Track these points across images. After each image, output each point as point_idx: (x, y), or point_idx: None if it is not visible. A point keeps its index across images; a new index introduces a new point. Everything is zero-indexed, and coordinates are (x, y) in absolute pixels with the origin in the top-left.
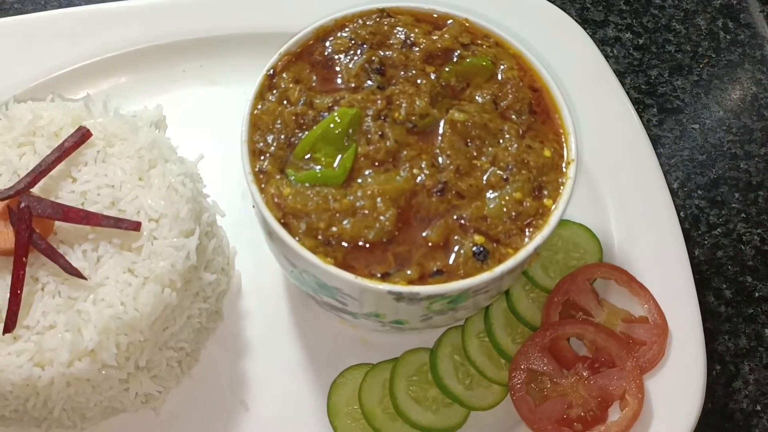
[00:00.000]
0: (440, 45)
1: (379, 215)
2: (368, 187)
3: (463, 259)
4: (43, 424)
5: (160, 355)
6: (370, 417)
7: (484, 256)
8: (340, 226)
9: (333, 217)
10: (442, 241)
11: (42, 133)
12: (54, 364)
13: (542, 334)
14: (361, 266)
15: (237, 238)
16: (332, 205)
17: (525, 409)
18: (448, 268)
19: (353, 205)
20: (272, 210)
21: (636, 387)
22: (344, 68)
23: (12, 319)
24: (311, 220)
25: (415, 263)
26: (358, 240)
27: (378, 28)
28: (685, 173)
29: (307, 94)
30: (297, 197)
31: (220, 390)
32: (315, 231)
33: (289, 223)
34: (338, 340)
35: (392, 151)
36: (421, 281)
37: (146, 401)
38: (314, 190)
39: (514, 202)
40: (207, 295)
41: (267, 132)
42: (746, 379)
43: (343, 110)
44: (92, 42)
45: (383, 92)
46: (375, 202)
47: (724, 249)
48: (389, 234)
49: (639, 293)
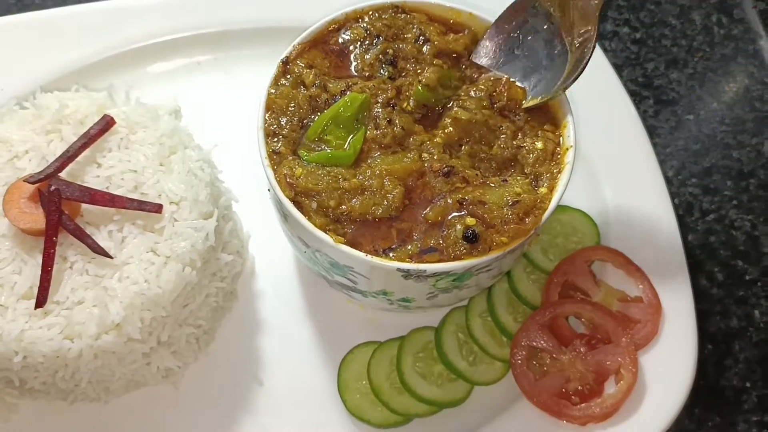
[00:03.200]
0: (451, 47)
1: (386, 193)
2: (376, 167)
3: (453, 240)
4: (69, 396)
5: (180, 332)
6: (379, 391)
7: (474, 239)
8: (349, 204)
9: (343, 195)
10: (437, 220)
11: (68, 121)
12: (83, 337)
13: (542, 313)
14: (368, 242)
15: (251, 223)
16: (342, 184)
17: (526, 383)
18: (440, 246)
19: (362, 184)
20: (285, 190)
21: (630, 362)
22: (360, 57)
23: (43, 294)
24: (322, 198)
25: (416, 240)
26: (366, 217)
27: (393, 21)
28: (679, 162)
29: (321, 78)
30: (309, 177)
31: (236, 366)
32: (326, 209)
33: (301, 202)
34: (347, 320)
35: (399, 137)
36: (417, 257)
37: (166, 375)
38: (325, 170)
39: (513, 194)
40: (224, 275)
41: (281, 114)
42: (737, 357)
43: (353, 95)
44: (113, 36)
45: (393, 82)
46: (383, 181)
47: (717, 234)
48: (396, 210)
49: (634, 275)
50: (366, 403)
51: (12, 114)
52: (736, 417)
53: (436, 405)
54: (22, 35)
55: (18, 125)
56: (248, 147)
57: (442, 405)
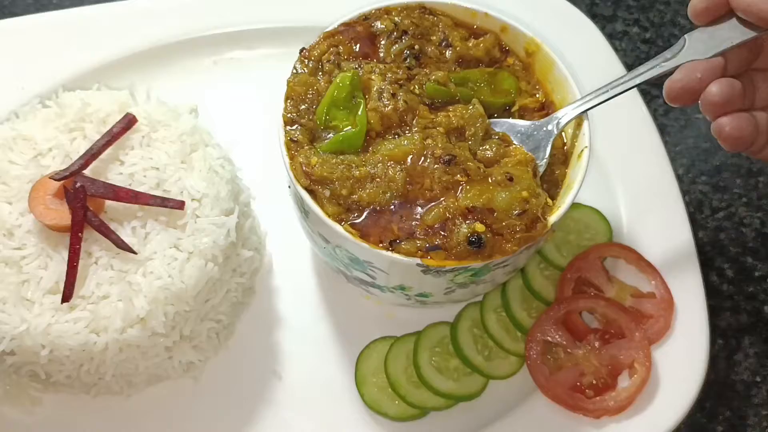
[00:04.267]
0: (472, 53)
1: (390, 180)
2: (380, 153)
3: (456, 242)
4: (92, 389)
5: (201, 326)
6: (396, 385)
7: (479, 244)
8: (359, 193)
9: (354, 184)
10: (442, 220)
11: (91, 120)
12: (108, 331)
13: (556, 308)
14: (375, 234)
15: (268, 221)
16: (354, 173)
17: (540, 377)
18: (446, 245)
19: (370, 172)
20: (300, 178)
21: (644, 356)
22: (386, 47)
23: (69, 289)
24: (335, 187)
25: (421, 235)
26: (374, 205)
27: (420, 21)
28: (689, 160)
29: (336, 57)
30: (324, 165)
31: (255, 360)
32: (338, 198)
33: (315, 191)
34: (364, 315)
35: (401, 111)
36: (423, 253)
37: (187, 369)
38: (339, 158)
39: (520, 200)
40: (243, 271)
41: (300, 102)
42: (747, 352)
43: (342, 75)
44: (131, 35)
45: (410, 71)
46: (386, 165)
47: (726, 231)
48: (400, 196)
49: (647, 271)
50: (383, 397)
51: (35, 112)
52: (746, 410)
53: (452, 398)
54: (42, 35)
55: (41, 123)
56: (263, 145)
57: (458, 398)
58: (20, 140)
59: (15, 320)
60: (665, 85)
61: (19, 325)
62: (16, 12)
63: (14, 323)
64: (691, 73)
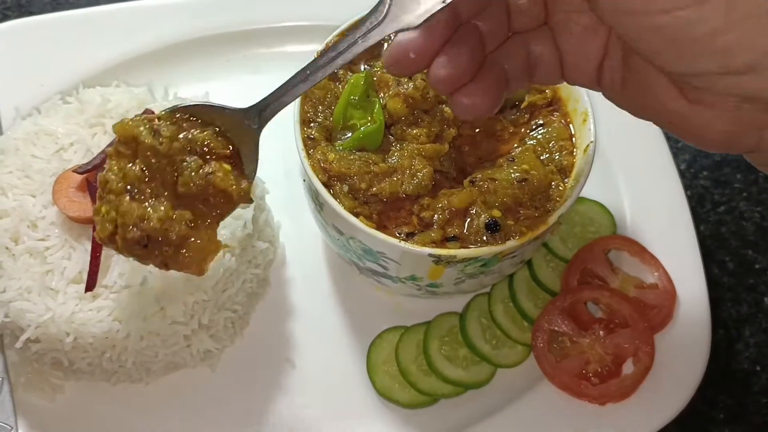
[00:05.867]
0: None
1: (416, 172)
2: (405, 150)
3: (475, 230)
4: (112, 377)
5: (218, 315)
6: (406, 373)
7: (495, 229)
8: (379, 186)
9: (373, 178)
10: (462, 208)
11: (111, 115)
12: (130, 319)
13: (562, 299)
14: (391, 226)
15: (281, 214)
16: (372, 168)
17: (547, 365)
18: (463, 235)
19: (390, 167)
20: (318, 173)
21: (647, 345)
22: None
23: (93, 278)
24: (354, 181)
25: (438, 227)
26: (396, 196)
27: None
28: (691, 155)
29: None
30: (341, 161)
31: (269, 349)
32: (356, 192)
33: (332, 186)
34: (375, 306)
35: (422, 90)
36: (440, 244)
37: (204, 358)
38: (356, 155)
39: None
40: (258, 262)
41: (318, 104)
42: (747, 342)
43: (355, 76)
44: (147, 33)
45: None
46: (412, 161)
47: (727, 225)
48: (425, 189)
49: (650, 262)
50: (394, 385)
51: (57, 108)
52: (746, 399)
53: (461, 386)
54: (61, 33)
55: (63, 119)
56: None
57: (467, 386)
58: (43, 135)
59: (40, 308)
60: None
61: (44, 313)
62: (33, 11)
63: (39, 311)
64: (402, 52)
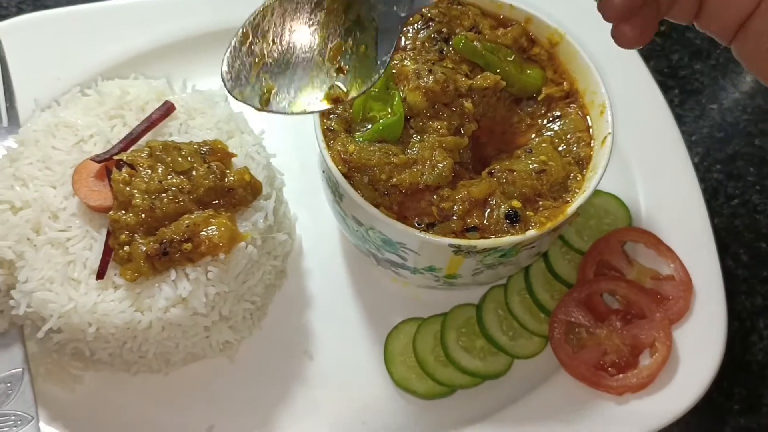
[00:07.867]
0: (501, 41)
1: (436, 163)
2: (426, 142)
3: (495, 219)
4: (132, 367)
5: (238, 307)
6: (424, 364)
7: (516, 219)
8: (399, 177)
9: (393, 170)
10: (481, 199)
11: (130, 107)
12: (152, 310)
13: (579, 290)
14: (411, 217)
15: (297, 206)
16: (392, 159)
17: (564, 356)
18: (483, 226)
19: (410, 158)
20: (338, 164)
21: (665, 336)
22: (413, 37)
23: (104, 266)
24: (374, 172)
25: (458, 217)
26: (416, 186)
27: (448, 11)
28: (705, 149)
29: None
30: (361, 152)
31: (287, 341)
32: (376, 183)
33: (352, 177)
34: (391, 297)
35: (443, 83)
36: (460, 235)
37: (223, 349)
38: (376, 146)
39: (539, 162)
40: (277, 253)
41: None
42: (761, 334)
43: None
44: (164, 26)
45: (441, 55)
46: (432, 152)
47: (741, 218)
48: (445, 180)
49: (666, 254)
50: (412, 375)
51: (76, 100)
52: (761, 390)
53: (478, 377)
54: (77, 26)
55: (82, 111)
56: (290, 133)
57: (484, 377)
58: (62, 127)
59: (62, 299)
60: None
61: (67, 303)
62: (48, 5)
63: (62, 302)
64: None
